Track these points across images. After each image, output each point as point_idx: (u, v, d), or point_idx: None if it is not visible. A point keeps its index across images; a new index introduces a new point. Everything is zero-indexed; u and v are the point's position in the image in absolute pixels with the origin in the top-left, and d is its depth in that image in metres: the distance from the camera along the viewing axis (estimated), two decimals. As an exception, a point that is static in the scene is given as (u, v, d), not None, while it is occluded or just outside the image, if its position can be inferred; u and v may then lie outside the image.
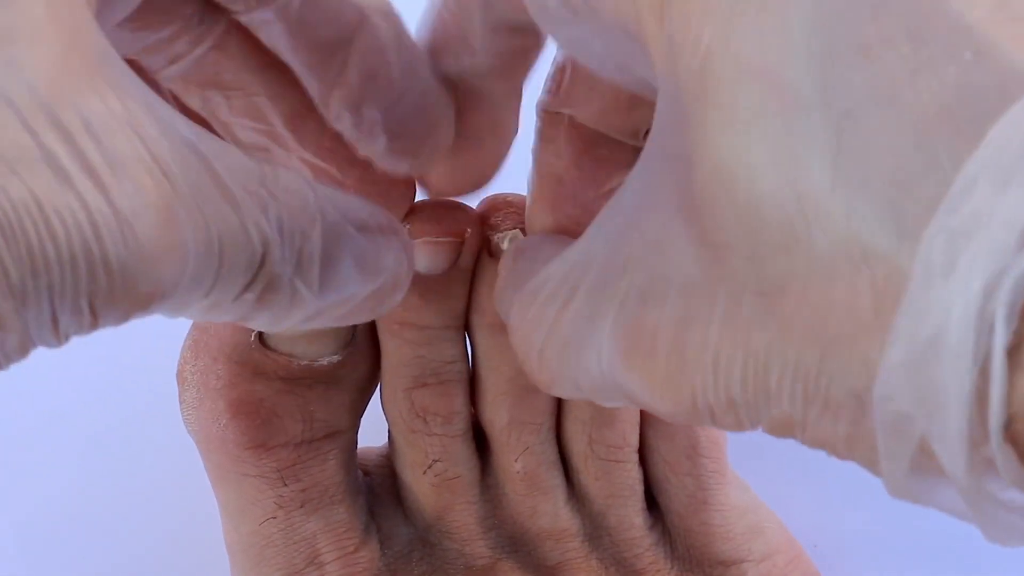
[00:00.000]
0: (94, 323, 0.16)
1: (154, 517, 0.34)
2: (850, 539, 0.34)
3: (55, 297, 0.15)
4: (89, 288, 0.16)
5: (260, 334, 0.27)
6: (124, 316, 0.17)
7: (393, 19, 0.24)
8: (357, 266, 0.21)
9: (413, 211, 0.27)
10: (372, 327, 0.28)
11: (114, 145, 0.16)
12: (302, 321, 0.21)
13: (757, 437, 0.34)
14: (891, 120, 0.14)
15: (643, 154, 0.18)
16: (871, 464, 0.16)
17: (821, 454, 0.34)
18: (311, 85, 0.24)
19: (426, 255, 0.26)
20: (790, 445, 0.34)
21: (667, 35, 0.16)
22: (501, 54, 0.22)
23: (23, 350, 0.16)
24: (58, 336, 0.16)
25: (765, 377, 0.16)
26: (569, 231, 0.25)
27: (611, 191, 0.24)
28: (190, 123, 0.18)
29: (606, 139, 0.24)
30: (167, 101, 0.22)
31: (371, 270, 0.21)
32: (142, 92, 0.17)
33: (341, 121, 0.24)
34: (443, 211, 0.27)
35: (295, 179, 0.19)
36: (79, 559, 0.34)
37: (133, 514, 0.34)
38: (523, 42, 0.22)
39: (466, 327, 0.28)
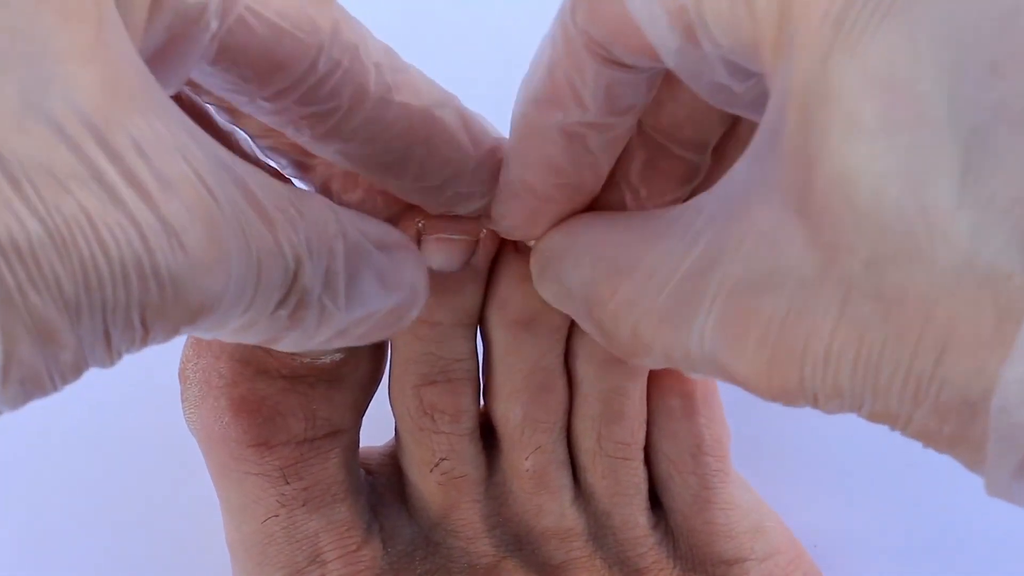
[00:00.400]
0: (145, 338, 0.17)
1: (155, 515, 0.34)
2: (850, 539, 0.34)
3: (108, 311, 0.16)
4: (141, 300, 0.16)
5: None
6: (173, 330, 0.17)
7: (455, 106, 0.24)
8: (379, 281, 0.22)
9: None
10: None
11: (162, 164, 0.16)
12: (328, 340, 0.21)
13: (758, 437, 0.34)
14: (1018, 142, 0.14)
15: (751, 150, 0.19)
16: (970, 463, 0.16)
17: (821, 454, 0.34)
18: (385, 184, 0.25)
19: (439, 252, 0.26)
20: (790, 445, 0.34)
21: (787, 38, 0.16)
22: (611, 111, 0.22)
23: (77, 369, 0.16)
24: (111, 352, 0.16)
25: (876, 374, 0.16)
26: None
27: (667, 203, 0.24)
28: (223, 147, 0.18)
29: (669, 153, 0.24)
30: None
31: (392, 284, 0.22)
32: (182, 117, 0.17)
33: (423, 204, 0.26)
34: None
35: (318, 200, 0.20)
36: (79, 558, 0.34)
37: (134, 512, 0.34)
38: (632, 99, 0.22)
39: (483, 323, 0.28)
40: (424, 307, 0.26)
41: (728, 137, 0.24)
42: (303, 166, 0.26)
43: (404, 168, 0.24)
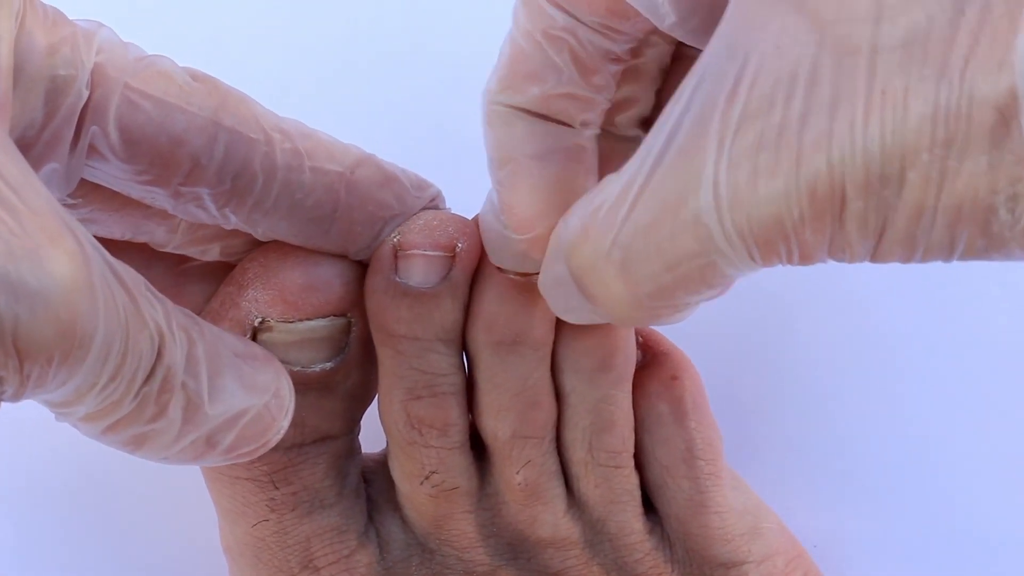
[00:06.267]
0: (20, 367, 0.17)
1: (155, 517, 0.33)
2: (850, 539, 0.34)
3: None
4: (12, 310, 0.16)
5: (254, 337, 0.26)
6: (47, 358, 0.17)
7: (375, 164, 0.25)
8: (239, 384, 0.22)
9: (405, 223, 0.26)
10: (367, 335, 0.27)
11: (27, 195, 0.17)
12: (195, 449, 0.22)
13: (757, 438, 0.33)
14: None
15: (724, 22, 0.19)
16: (1011, 207, 0.16)
17: (821, 454, 0.33)
18: (318, 248, 0.26)
19: (416, 268, 0.26)
20: (790, 446, 0.34)
21: None
22: (584, 78, 0.22)
23: None
24: None
25: (903, 127, 0.16)
26: None
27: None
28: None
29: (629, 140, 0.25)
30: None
31: (251, 386, 0.22)
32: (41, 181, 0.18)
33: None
34: (435, 223, 0.26)
35: (172, 304, 0.21)
36: (78, 560, 0.33)
37: (133, 513, 0.34)
38: (599, 69, 0.22)
39: (467, 342, 0.27)
40: (404, 323, 0.26)
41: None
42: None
43: (334, 232, 0.25)
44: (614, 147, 0.25)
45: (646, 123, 0.25)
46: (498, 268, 0.26)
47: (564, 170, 0.24)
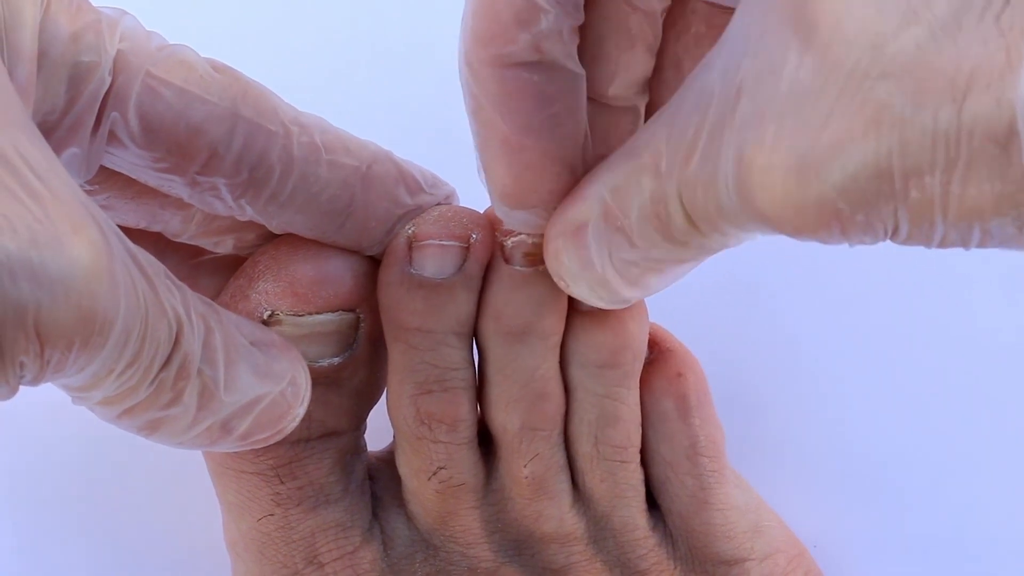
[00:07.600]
0: (41, 352, 0.17)
1: (157, 515, 0.33)
2: (850, 539, 0.34)
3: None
4: (34, 296, 0.16)
5: None
6: (67, 344, 0.17)
7: (392, 160, 0.25)
8: (254, 372, 0.22)
9: (419, 214, 0.26)
10: (376, 331, 0.27)
11: (51, 182, 0.17)
12: (211, 435, 0.22)
13: (757, 437, 0.34)
14: None
15: (740, 9, 0.19)
16: (1019, 225, 0.16)
17: (821, 454, 0.34)
18: (328, 241, 0.26)
19: (431, 259, 0.26)
20: (790, 445, 0.34)
21: None
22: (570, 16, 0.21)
23: None
24: (6, 366, 0.17)
25: (903, 151, 0.16)
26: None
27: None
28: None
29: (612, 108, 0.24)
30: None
31: (267, 374, 0.23)
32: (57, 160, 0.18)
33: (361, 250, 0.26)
34: (449, 214, 0.26)
35: (190, 291, 0.21)
36: (79, 557, 0.33)
37: (134, 514, 0.33)
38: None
39: (477, 334, 0.27)
40: (418, 315, 0.26)
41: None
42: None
43: (348, 226, 0.25)
44: (608, 120, 0.24)
45: (645, 85, 0.24)
46: (505, 260, 0.26)
47: (562, 138, 0.23)
